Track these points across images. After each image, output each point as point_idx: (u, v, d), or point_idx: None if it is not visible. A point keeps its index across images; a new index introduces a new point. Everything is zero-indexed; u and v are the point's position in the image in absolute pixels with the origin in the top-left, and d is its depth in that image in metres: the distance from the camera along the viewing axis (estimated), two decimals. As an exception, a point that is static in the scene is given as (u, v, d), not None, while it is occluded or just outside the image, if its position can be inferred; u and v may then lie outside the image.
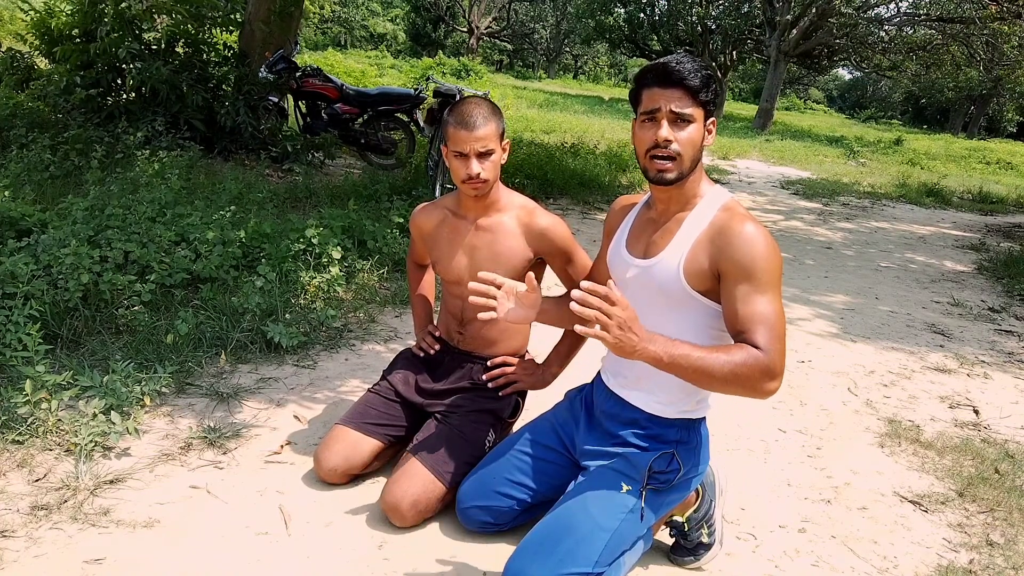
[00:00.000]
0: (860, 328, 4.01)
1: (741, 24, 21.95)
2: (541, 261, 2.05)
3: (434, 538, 1.86)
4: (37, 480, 1.90)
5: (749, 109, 30.41)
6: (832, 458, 2.52)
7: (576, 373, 2.19)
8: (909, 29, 19.55)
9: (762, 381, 1.39)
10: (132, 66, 5.56)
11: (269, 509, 1.90)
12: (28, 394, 2.03)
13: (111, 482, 1.92)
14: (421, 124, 6.54)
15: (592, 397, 1.82)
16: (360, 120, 6.68)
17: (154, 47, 5.90)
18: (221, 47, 6.35)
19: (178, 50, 6.06)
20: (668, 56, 1.51)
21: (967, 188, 11.00)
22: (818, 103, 55.30)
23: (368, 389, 2.18)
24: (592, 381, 1.88)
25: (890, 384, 3.26)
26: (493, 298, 1.60)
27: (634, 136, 1.56)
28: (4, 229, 3.22)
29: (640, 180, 7.79)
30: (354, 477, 2.03)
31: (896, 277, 5.28)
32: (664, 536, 1.90)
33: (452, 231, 2.03)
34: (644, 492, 1.62)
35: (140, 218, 3.45)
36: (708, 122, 1.53)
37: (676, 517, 1.81)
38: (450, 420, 2.00)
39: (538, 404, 2.22)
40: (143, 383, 2.30)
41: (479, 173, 1.85)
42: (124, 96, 5.87)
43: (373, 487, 2.03)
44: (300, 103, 6.79)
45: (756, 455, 2.49)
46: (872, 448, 2.63)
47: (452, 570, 1.75)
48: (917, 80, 25.75)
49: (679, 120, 1.48)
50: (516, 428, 2.08)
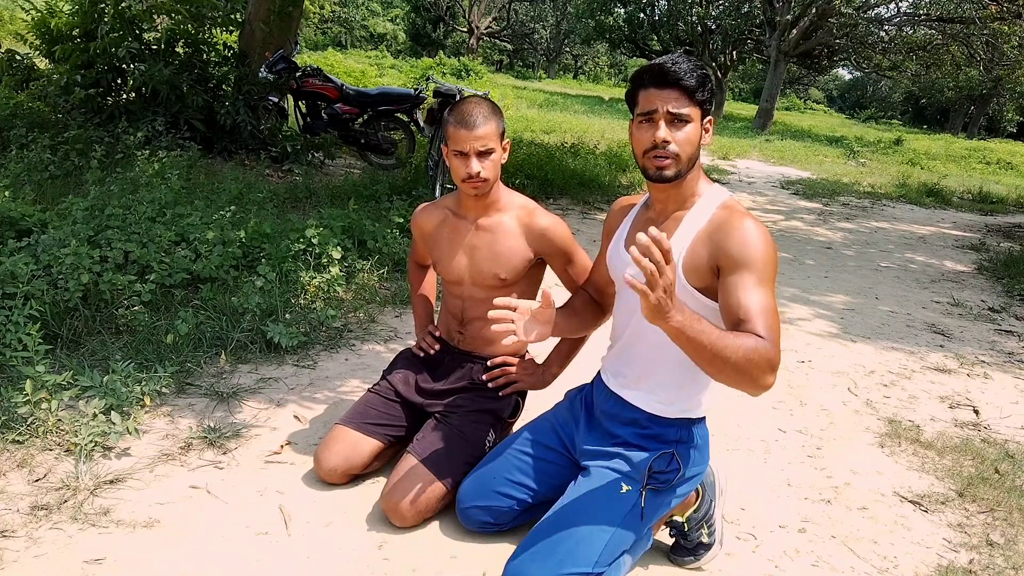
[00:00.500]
0: (860, 328, 4.01)
1: (741, 24, 21.95)
2: (541, 261, 2.05)
3: (434, 538, 1.86)
4: (37, 480, 1.90)
5: (749, 109, 30.41)
6: (832, 458, 2.52)
7: (576, 373, 2.19)
8: (909, 29, 19.55)
9: (764, 372, 1.35)
10: (133, 67, 5.56)
11: (269, 509, 1.90)
12: (28, 394, 2.03)
13: (111, 482, 1.92)
14: (421, 124, 6.54)
15: (592, 397, 1.82)
16: (360, 120, 6.68)
17: (154, 47, 5.90)
18: (221, 47, 6.35)
19: (178, 50, 6.06)
20: (664, 56, 1.51)
21: (967, 188, 11.00)
22: (818, 103, 55.32)
23: (368, 389, 2.18)
24: (592, 381, 1.88)
25: (890, 384, 3.26)
26: (511, 321, 1.59)
27: (632, 137, 1.56)
28: (4, 229, 3.22)
29: (640, 180, 7.79)
30: (354, 477, 2.03)
31: (896, 277, 5.28)
32: (664, 536, 1.90)
33: (452, 231, 2.04)
34: (644, 492, 1.62)
35: (140, 218, 3.45)
36: (705, 121, 1.53)
37: (676, 517, 1.81)
38: (450, 420, 2.00)
39: (538, 404, 2.22)
40: (143, 383, 2.30)
41: (479, 172, 1.85)
42: (124, 96, 5.87)
43: (373, 487, 2.03)
44: (300, 103, 6.79)
45: (756, 455, 2.49)
46: (872, 448, 2.63)
47: (452, 570, 1.75)
48: (917, 80, 25.76)
49: (676, 120, 1.48)
50: (516, 428, 2.08)
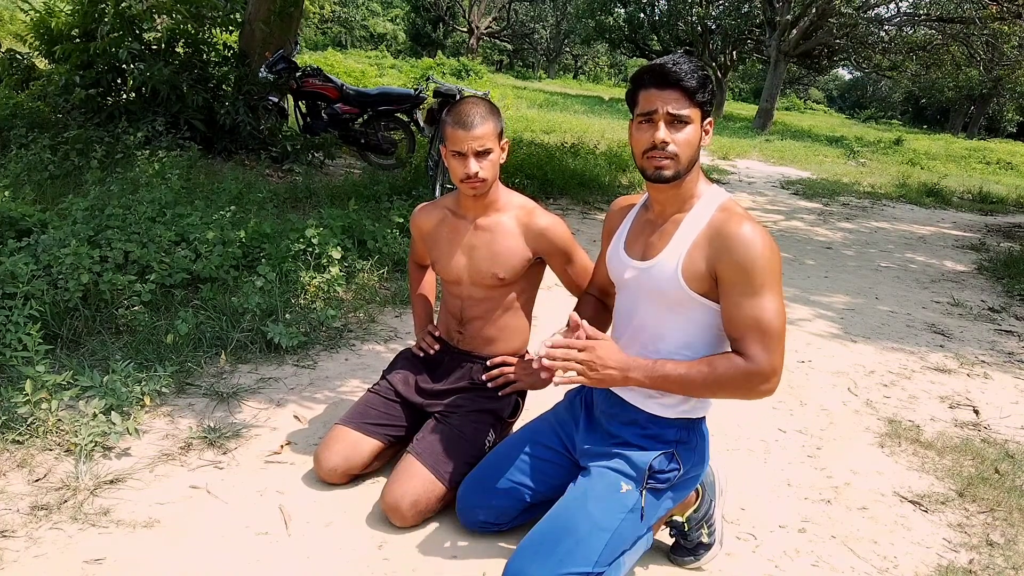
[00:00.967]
0: (860, 328, 4.01)
1: (741, 24, 21.96)
2: (541, 261, 2.05)
3: (434, 538, 1.86)
4: (37, 480, 1.90)
5: (749, 109, 30.41)
6: (832, 458, 2.52)
7: (576, 373, 2.19)
8: (909, 29, 19.55)
9: (751, 385, 1.45)
10: (133, 67, 5.56)
11: (269, 509, 1.90)
12: (28, 394, 2.03)
13: (111, 482, 1.92)
14: (421, 124, 6.54)
15: (592, 397, 1.82)
16: (360, 120, 6.69)
17: (154, 47, 5.90)
18: (221, 47, 6.35)
19: (178, 50, 6.06)
20: (665, 57, 1.50)
21: (967, 188, 11.00)
22: (818, 103, 55.31)
23: (368, 389, 2.18)
24: (592, 381, 1.88)
25: (890, 384, 3.26)
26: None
27: (631, 137, 1.56)
28: (4, 229, 3.22)
29: (640, 180, 7.79)
30: (354, 477, 2.03)
31: (896, 277, 5.28)
32: (664, 536, 1.90)
33: (451, 231, 2.04)
34: (644, 492, 1.62)
35: (140, 218, 3.45)
36: (705, 122, 1.53)
37: (676, 517, 1.81)
38: (450, 420, 2.00)
39: (538, 404, 2.22)
40: (143, 383, 2.31)
41: (476, 172, 1.85)
42: (124, 96, 5.87)
43: (373, 487, 2.03)
44: (300, 103, 6.79)
45: (756, 455, 2.49)
46: (872, 448, 2.63)
47: (452, 570, 1.75)
48: (917, 80, 25.76)
49: (676, 121, 1.48)
50: (516, 428, 2.08)
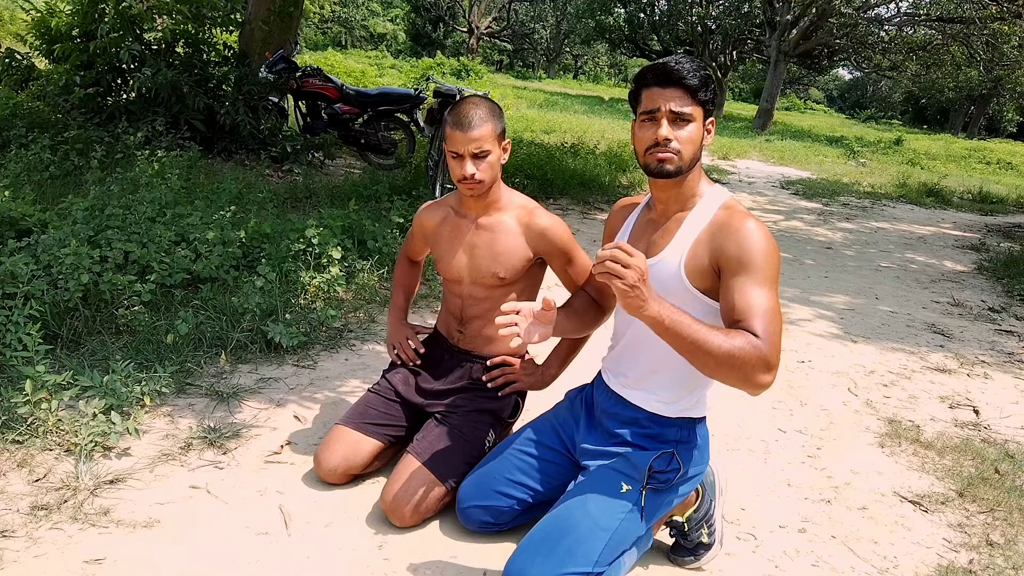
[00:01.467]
0: (860, 328, 4.01)
1: (741, 24, 21.96)
2: (541, 262, 2.05)
3: (434, 538, 1.86)
4: (37, 480, 1.90)
5: (749, 109, 30.41)
6: (832, 458, 2.52)
7: (576, 373, 2.19)
8: (909, 29, 19.55)
9: (757, 371, 1.36)
10: (133, 67, 5.56)
11: (269, 509, 1.90)
12: (28, 394, 2.03)
13: (111, 482, 1.92)
14: (421, 124, 6.54)
15: (592, 396, 1.82)
16: (360, 120, 6.69)
17: (154, 47, 5.90)
18: (221, 47, 6.35)
19: (178, 50, 6.06)
20: (667, 56, 1.52)
21: (967, 188, 11.00)
22: (818, 103, 55.32)
23: (368, 389, 2.18)
24: (592, 381, 1.88)
25: (890, 384, 3.26)
26: (515, 324, 1.58)
27: (633, 136, 1.57)
28: (4, 229, 3.22)
29: (640, 180, 7.79)
30: (354, 477, 2.03)
31: (896, 277, 5.28)
32: (664, 536, 1.90)
33: (453, 229, 2.04)
34: (644, 492, 1.62)
35: (140, 218, 3.45)
36: (707, 121, 1.54)
37: (676, 517, 1.81)
38: (450, 420, 2.00)
39: (538, 404, 2.22)
40: (143, 383, 2.31)
41: (473, 174, 1.86)
42: (124, 96, 5.87)
43: (373, 487, 2.03)
44: (300, 103, 6.79)
45: (756, 455, 2.49)
46: (872, 448, 2.63)
47: (452, 570, 1.75)
48: (917, 80, 25.73)
49: (679, 119, 1.49)
50: (516, 428, 2.08)
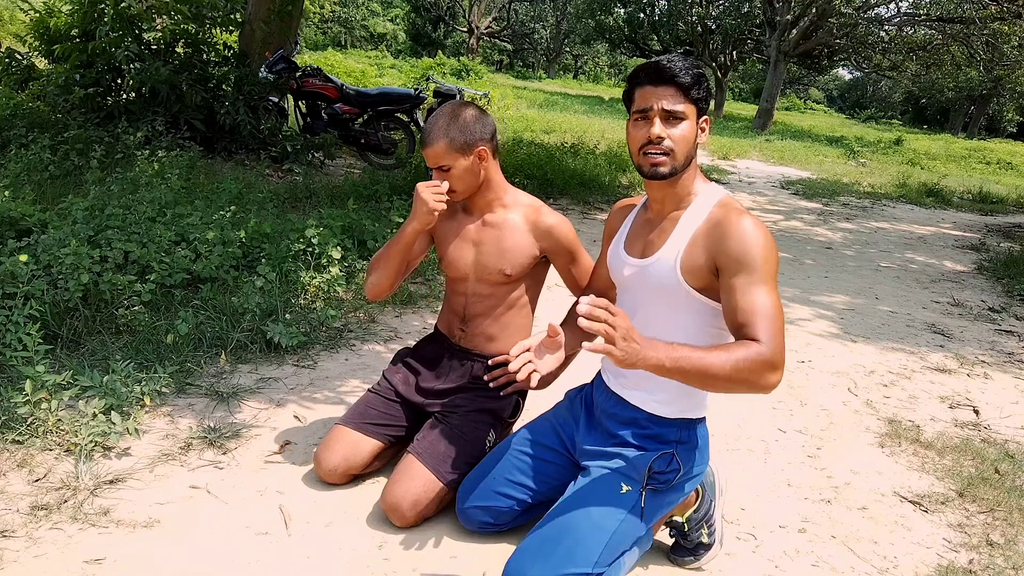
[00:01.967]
0: (860, 328, 4.01)
1: (741, 24, 21.97)
2: (545, 261, 2.06)
3: (434, 538, 1.85)
4: (37, 480, 1.90)
5: (749, 109, 30.41)
6: (832, 458, 2.52)
7: (576, 373, 2.19)
8: (909, 29, 19.55)
9: (764, 375, 1.37)
10: (132, 67, 5.56)
11: (269, 509, 1.90)
12: (28, 394, 2.03)
13: (111, 482, 1.92)
14: (421, 124, 6.54)
15: (592, 397, 1.82)
16: (360, 120, 6.69)
17: (154, 47, 5.90)
18: (221, 47, 6.35)
19: (178, 50, 6.06)
20: (660, 56, 1.51)
21: (967, 188, 11.00)
22: (818, 103, 55.31)
23: (368, 389, 2.18)
24: (592, 381, 1.88)
25: (890, 384, 3.26)
26: (530, 362, 1.57)
27: (628, 135, 1.57)
28: (4, 229, 3.22)
29: (640, 180, 7.79)
30: (354, 477, 2.03)
31: (896, 277, 5.28)
32: (664, 536, 1.90)
33: (459, 226, 2.05)
34: (644, 492, 1.62)
35: (140, 218, 3.45)
36: (701, 120, 1.54)
37: (676, 517, 1.81)
38: (450, 420, 2.00)
39: (538, 404, 2.22)
40: (143, 383, 2.31)
41: (438, 182, 1.89)
42: (124, 96, 5.87)
43: (373, 487, 2.03)
44: (300, 103, 6.79)
45: (756, 455, 2.49)
46: (872, 448, 2.63)
47: (452, 570, 1.75)
48: (917, 80, 25.75)
49: (671, 118, 1.49)
50: (516, 428, 2.08)
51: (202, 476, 2.02)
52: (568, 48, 44.78)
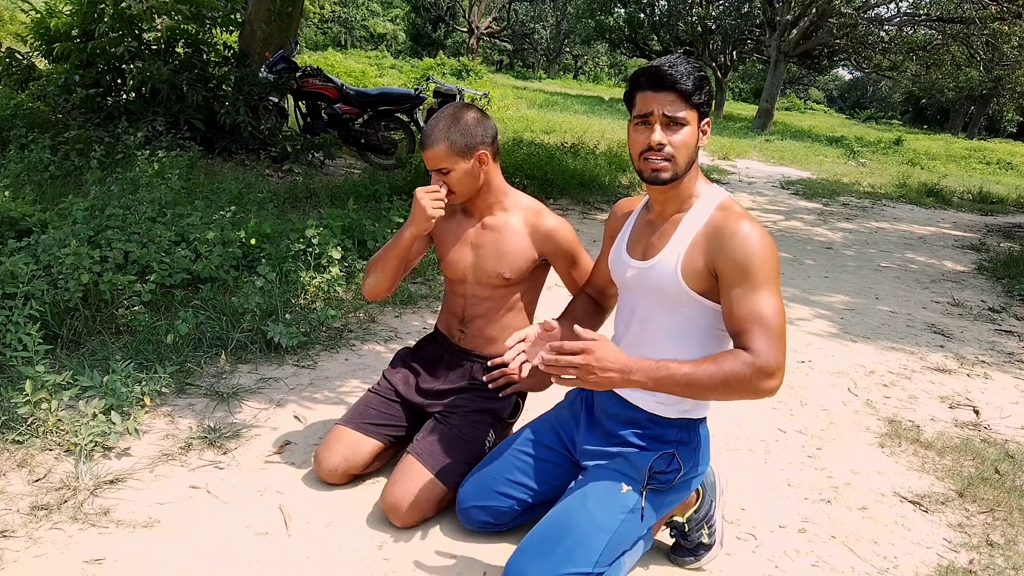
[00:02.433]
0: (860, 328, 4.01)
1: (741, 24, 21.97)
2: (545, 263, 2.05)
3: (434, 538, 1.86)
4: (37, 480, 1.90)
5: (749, 109, 30.40)
6: (832, 458, 2.52)
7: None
8: (909, 29, 19.55)
9: (758, 383, 1.40)
10: (132, 67, 5.56)
11: (269, 509, 1.90)
12: (28, 394, 2.03)
13: (111, 482, 1.92)
14: (421, 124, 6.55)
15: (593, 397, 1.82)
16: (360, 120, 6.69)
17: (154, 47, 5.90)
18: (221, 47, 6.35)
19: (178, 50, 6.06)
20: (662, 58, 1.50)
21: (967, 188, 11.00)
22: (818, 103, 55.29)
23: (368, 389, 2.18)
24: (592, 381, 1.88)
25: (890, 384, 3.26)
26: (524, 352, 1.63)
27: (629, 138, 1.57)
28: (4, 229, 3.22)
29: (640, 181, 7.78)
30: (354, 477, 2.03)
31: (896, 277, 5.28)
32: (664, 536, 1.90)
33: (459, 228, 2.05)
34: (644, 492, 1.62)
35: (140, 218, 3.45)
36: (702, 123, 1.53)
37: (676, 517, 1.81)
38: (450, 420, 2.00)
39: (538, 404, 2.22)
40: (143, 383, 2.31)
41: (438, 187, 1.89)
42: (124, 96, 5.87)
43: (373, 487, 2.03)
44: (300, 103, 6.79)
45: (756, 455, 2.49)
46: (872, 448, 2.63)
47: (452, 570, 1.75)
48: (917, 80, 25.77)
49: (672, 123, 1.48)
50: (516, 428, 2.08)
51: (202, 476, 2.02)
52: (568, 48, 44.78)
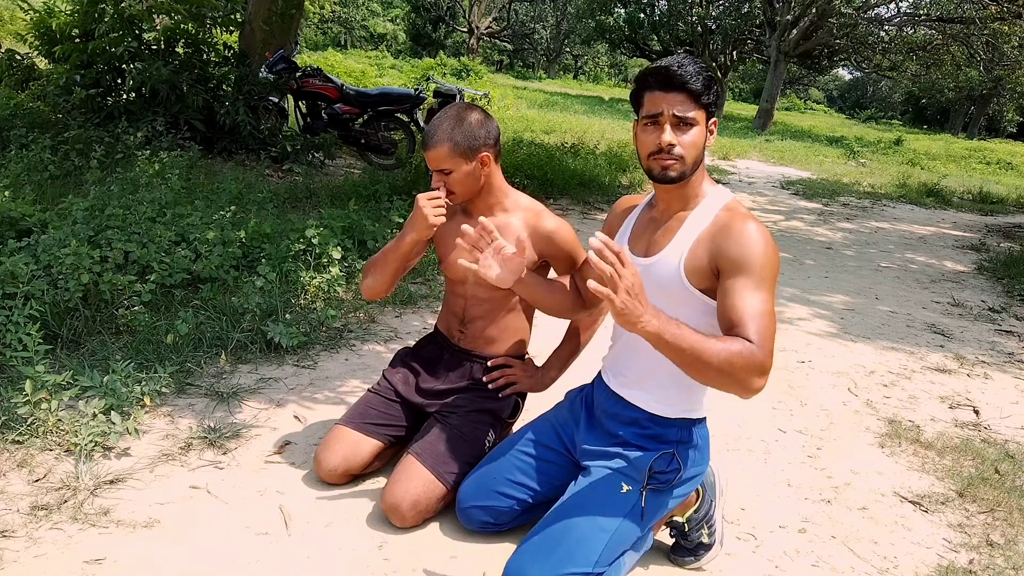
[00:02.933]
0: (860, 328, 4.01)
1: (741, 24, 21.97)
2: (545, 264, 2.05)
3: (434, 538, 1.86)
4: (37, 480, 1.90)
5: (749, 109, 30.41)
6: (832, 458, 2.52)
7: (576, 374, 2.19)
8: (909, 29, 19.56)
9: (752, 376, 1.37)
10: (132, 66, 5.56)
11: (269, 509, 1.90)
12: (28, 394, 2.03)
13: (111, 482, 1.92)
14: (421, 124, 6.55)
15: (592, 397, 1.82)
16: (360, 120, 6.69)
17: (154, 47, 5.90)
18: (221, 47, 6.35)
19: (178, 50, 6.06)
20: (670, 58, 1.50)
21: (967, 188, 11.00)
22: (818, 103, 55.30)
23: (368, 389, 2.18)
24: (593, 381, 1.88)
25: (890, 384, 3.26)
26: (480, 250, 1.64)
27: (636, 138, 1.57)
28: (4, 229, 3.22)
29: (640, 180, 7.80)
30: (354, 477, 2.03)
31: (896, 277, 5.28)
32: (664, 536, 1.90)
33: (459, 229, 2.04)
34: (644, 492, 1.62)
35: (140, 218, 3.45)
36: (710, 123, 1.54)
37: (676, 517, 1.81)
38: (450, 420, 2.00)
39: (538, 404, 2.22)
40: (143, 383, 2.30)
41: (439, 187, 1.88)
42: (124, 96, 5.87)
43: (373, 487, 2.03)
44: (300, 103, 6.79)
45: (756, 455, 2.49)
46: (872, 448, 2.63)
47: (452, 570, 1.75)
48: (917, 80, 25.76)
49: (682, 124, 1.49)
50: (516, 428, 2.08)
51: (202, 476, 2.02)
52: (568, 48, 44.79)
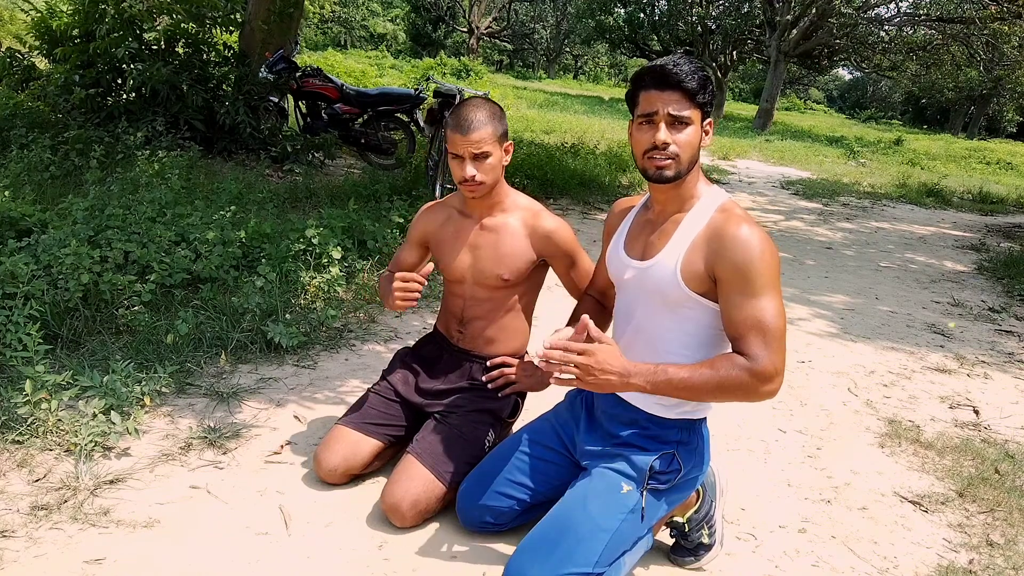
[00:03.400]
0: (860, 328, 4.01)
1: (741, 24, 21.96)
2: (544, 264, 2.05)
3: (434, 538, 1.86)
4: (37, 480, 1.90)
5: (749, 109, 30.40)
6: (832, 458, 2.52)
7: (576, 373, 2.19)
8: (909, 29, 19.56)
9: (755, 386, 1.43)
10: (132, 67, 5.56)
11: (269, 509, 1.90)
12: (28, 394, 2.03)
13: (111, 482, 1.92)
14: (421, 124, 6.54)
15: (592, 397, 1.82)
16: (360, 120, 6.69)
17: (154, 47, 5.90)
18: (221, 47, 6.35)
19: (178, 50, 6.06)
20: (665, 58, 1.50)
21: (967, 188, 11.00)
22: (818, 103, 55.29)
23: (368, 389, 2.18)
24: (592, 381, 1.88)
25: (890, 384, 3.26)
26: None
27: (631, 137, 1.56)
28: (4, 229, 3.22)
29: (640, 180, 7.79)
30: (354, 477, 2.03)
31: (896, 277, 5.28)
32: (664, 536, 1.90)
33: (457, 230, 2.05)
34: (644, 492, 1.62)
35: (140, 218, 3.45)
36: (705, 123, 1.53)
37: (677, 518, 1.81)
38: (450, 420, 2.00)
39: (538, 404, 2.22)
40: (143, 383, 2.31)
41: (473, 176, 1.87)
42: (124, 96, 5.87)
43: (373, 487, 2.03)
44: (300, 103, 6.79)
45: (756, 455, 2.49)
46: (872, 448, 2.63)
47: (452, 570, 1.75)
48: (917, 80, 25.76)
49: (677, 123, 1.48)
50: (516, 428, 2.08)
51: (202, 476, 2.02)
52: (568, 48, 44.79)
